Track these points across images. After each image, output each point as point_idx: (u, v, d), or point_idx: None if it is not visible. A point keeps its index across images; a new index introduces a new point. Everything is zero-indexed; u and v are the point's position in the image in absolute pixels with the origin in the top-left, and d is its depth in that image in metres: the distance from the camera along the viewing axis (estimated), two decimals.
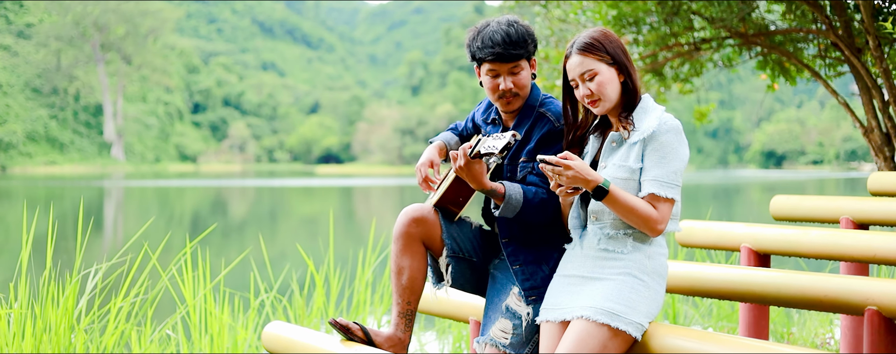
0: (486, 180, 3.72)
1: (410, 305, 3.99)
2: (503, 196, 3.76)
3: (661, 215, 3.49)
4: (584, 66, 3.60)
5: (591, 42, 3.62)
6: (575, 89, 3.68)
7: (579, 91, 3.64)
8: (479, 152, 3.56)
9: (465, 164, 3.66)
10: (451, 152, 3.75)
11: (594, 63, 3.59)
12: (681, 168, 3.52)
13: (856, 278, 3.83)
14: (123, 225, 26.13)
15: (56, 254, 5.55)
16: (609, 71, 3.60)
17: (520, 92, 3.91)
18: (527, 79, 3.91)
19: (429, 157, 4.10)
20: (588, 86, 3.60)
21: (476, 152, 3.59)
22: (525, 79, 3.90)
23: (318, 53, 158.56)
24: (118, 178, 69.38)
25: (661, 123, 3.52)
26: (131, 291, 5.63)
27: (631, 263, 3.53)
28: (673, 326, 3.50)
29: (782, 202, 5.80)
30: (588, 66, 3.60)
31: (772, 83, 9.61)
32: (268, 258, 7.03)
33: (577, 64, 3.62)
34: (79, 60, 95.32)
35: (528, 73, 3.92)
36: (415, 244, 3.98)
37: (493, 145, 3.53)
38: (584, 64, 3.60)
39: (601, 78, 3.59)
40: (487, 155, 3.52)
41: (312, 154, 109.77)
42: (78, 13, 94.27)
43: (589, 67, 3.59)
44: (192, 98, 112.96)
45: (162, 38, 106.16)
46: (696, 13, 8.71)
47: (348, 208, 35.87)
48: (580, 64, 3.61)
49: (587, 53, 3.61)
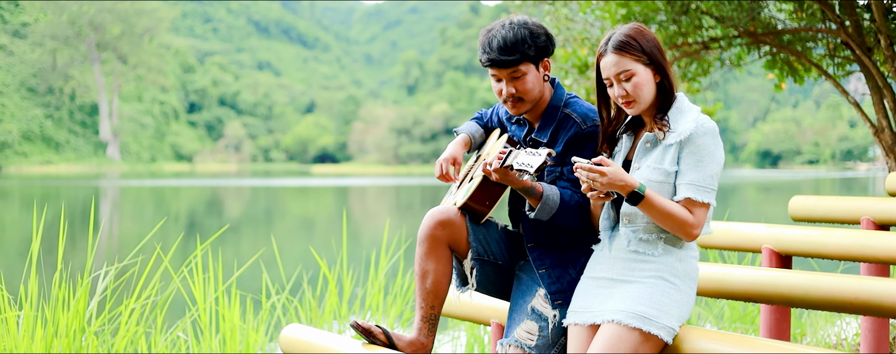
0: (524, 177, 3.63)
1: (434, 309, 3.91)
2: (540, 196, 3.67)
3: (697, 220, 3.41)
4: (620, 66, 3.49)
5: (627, 40, 3.50)
6: (609, 88, 3.56)
7: (614, 91, 3.53)
8: (512, 166, 3.44)
9: (500, 174, 3.57)
10: (484, 163, 3.64)
11: (630, 63, 3.48)
12: (717, 172, 3.44)
13: (882, 279, 3.78)
14: (120, 226, 26.03)
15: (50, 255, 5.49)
16: (646, 72, 3.49)
17: (524, 97, 3.80)
18: (532, 83, 3.80)
19: (452, 153, 4.02)
20: (624, 87, 3.49)
21: (508, 165, 3.48)
22: (530, 83, 3.79)
23: (313, 52, 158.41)
24: (114, 177, 69.28)
25: (699, 126, 3.42)
26: (143, 293, 5.57)
27: (662, 266, 3.46)
28: (705, 330, 3.44)
29: (801, 203, 5.73)
30: (624, 66, 3.48)
31: (779, 82, 9.56)
32: (280, 259, 6.95)
33: (613, 63, 3.50)
34: (74, 60, 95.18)
35: (534, 76, 3.80)
36: (440, 247, 3.89)
37: (528, 162, 3.36)
38: (620, 64, 3.49)
39: (638, 79, 3.48)
40: (521, 171, 3.37)
41: (308, 154, 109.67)
42: (73, 12, 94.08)
43: (625, 68, 3.48)
44: (188, 98, 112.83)
45: (157, 38, 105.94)
46: (705, 12, 8.65)
47: (346, 208, 35.76)
48: (616, 64, 3.49)
49: (623, 53, 3.49)
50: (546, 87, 3.89)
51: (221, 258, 6.29)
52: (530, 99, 3.82)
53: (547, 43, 3.82)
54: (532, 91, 3.81)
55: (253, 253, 14.21)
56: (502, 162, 3.51)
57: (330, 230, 20.95)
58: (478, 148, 4.24)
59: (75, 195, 42.37)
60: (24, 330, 5.21)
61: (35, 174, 74.11)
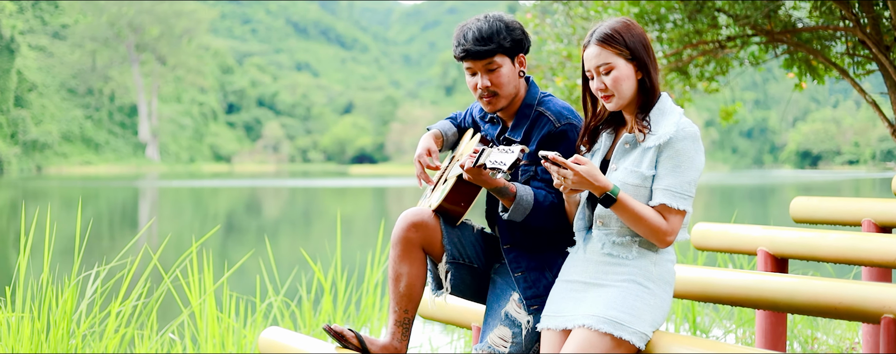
0: (498, 178, 3.56)
1: (408, 313, 3.84)
2: (513, 197, 3.60)
3: (670, 227, 3.33)
4: (601, 58, 3.42)
5: (611, 34, 3.42)
6: (590, 81, 3.50)
7: (594, 83, 3.47)
8: (485, 165, 3.37)
9: (473, 174, 3.51)
10: (460, 161, 3.58)
11: (611, 56, 3.41)
12: (695, 178, 3.36)
13: (873, 284, 3.66)
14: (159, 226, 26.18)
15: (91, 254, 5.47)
16: (627, 67, 3.42)
17: (498, 91, 3.72)
18: (507, 77, 3.72)
19: (426, 146, 3.94)
20: (603, 80, 3.42)
21: (481, 164, 3.41)
22: (505, 76, 3.72)
23: (351, 53, 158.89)
24: (153, 178, 69.77)
25: (679, 130, 3.34)
26: (142, 293, 5.55)
27: (636, 269, 3.38)
28: (678, 335, 3.36)
29: (802, 204, 5.61)
30: (604, 59, 3.41)
31: (799, 82, 9.42)
32: (274, 261, 6.91)
33: (594, 55, 3.44)
34: (114, 61, 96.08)
35: (509, 70, 3.73)
36: (414, 249, 3.81)
37: (501, 160, 3.29)
38: (601, 56, 3.42)
39: (617, 73, 3.41)
40: (494, 170, 3.30)
41: (346, 154, 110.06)
42: (113, 14, 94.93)
43: (605, 61, 3.41)
44: (227, 98, 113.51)
45: (196, 39, 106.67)
46: (720, 10, 8.53)
47: (380, 208, 35.79)
48: (597, 56, 3.43)
49: (606, 45, 3.41)
50: (521, 84, 3.81)
51: (223, 259, 6.24)
52: (505, 94, 3.75)
53: (522, 38, 3.76)
54: (507, 85, 3.73)
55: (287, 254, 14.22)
56: (475, 161, 3.44)
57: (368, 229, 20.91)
58: (451, 148, 4.17)
59: (115, 196, 42.73)
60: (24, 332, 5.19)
61: (75, 175, 74.73)
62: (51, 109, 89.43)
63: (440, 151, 4.03)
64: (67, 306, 5.16)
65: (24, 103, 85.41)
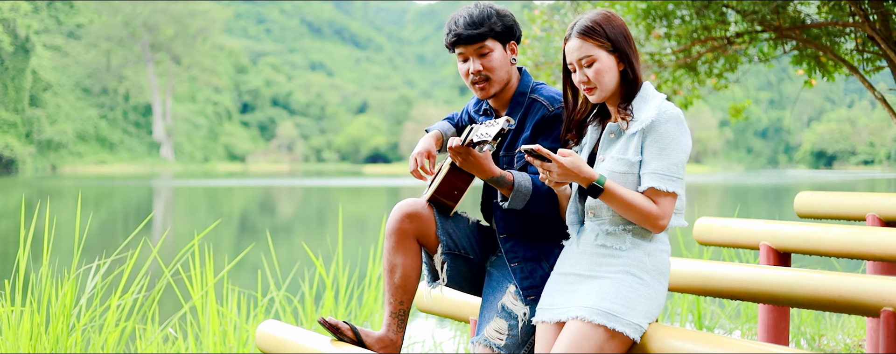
0: (492, 166, 3.54)
1: (403, 305, 3.83)
2: (512, 185, 3.57)
3: (662, 211, 3.30)
4: (582, 51, 3.40)
5: (591, 26, 3.41)
6: (572, 74, 3.49)
7: (576, 76, 3.45)
8: (472, 140, 3.36)
9: (462, 154, 3.49)
10: (449, 140, 3.57)
11: (593, 49, 3.39)
12: (683, 160, 3.32)
13: (873, 277, 3.62)
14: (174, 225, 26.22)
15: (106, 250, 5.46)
16: (608, 58, 3.40)
17: (490, 75, 3.71)
18: (499, 61, 3.71)
19: (425, 147, 3.91)
20: (585, 72, 3.41)
21: (469, 140, 3.39)
22: (496, 61, 3.70)
23: (366, 52, 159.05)
24: (167, 177, 69.91)
25: (661, 113, 3.31)
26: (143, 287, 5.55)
27: (630, 261, 3.34)
28: (674, 328, 3.32)
29: (807, 199, 5.58)
30: (586, 51, 3.40)
31: (809, 78, 9.37)
32: (277, 258, 6.89)
33: (575, 48, 3.42)
34: (128, 61, 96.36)
35: (500, 54, 3.72)
36: (408, 240, 3.80)
37: (486, 132, 3.31)
38: (582, 49, 3.40)
39: (599, 65, 3.38)
40: (480, 143, 3.29)
41: (360, 154, 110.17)
42: (127, 14, 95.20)
43: (587, 53, 3.40)
44: (241, 98, 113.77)
45: (211, 39, 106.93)
46: (728, 6, 8.49)
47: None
48: (578, 48, 3.41)
49: (586, 38, 3.40)
50: (513, 71, 3.80)
51: (233, 257, 6.24)
52: (498, 78, 3.73)
53: (513, 25, 3.76)
54: (499, 70, 3.72)
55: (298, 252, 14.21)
56: (463, 139, 3.43)
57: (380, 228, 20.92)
58: None
59: (129, 196, 42.85)
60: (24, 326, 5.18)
61: (89, 174, 74.93)
62: (66, 108, 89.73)
63: (439, 152, 4.01)
64: (67, 299, 5.15)
65: (39, 103, 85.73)
